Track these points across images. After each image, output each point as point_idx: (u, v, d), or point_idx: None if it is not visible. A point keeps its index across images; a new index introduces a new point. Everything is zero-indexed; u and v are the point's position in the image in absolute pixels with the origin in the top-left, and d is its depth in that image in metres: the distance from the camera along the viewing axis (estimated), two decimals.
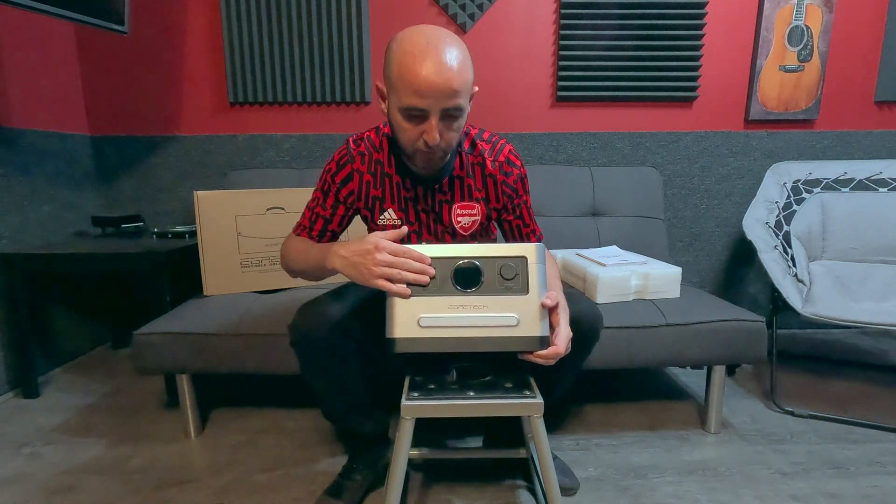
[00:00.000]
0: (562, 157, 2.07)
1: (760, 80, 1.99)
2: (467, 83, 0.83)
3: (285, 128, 2.03)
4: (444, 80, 0.79)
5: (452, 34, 0.84)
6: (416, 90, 0.80)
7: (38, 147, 1.76)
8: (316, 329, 0.92)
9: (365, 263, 0.83)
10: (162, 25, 1.93)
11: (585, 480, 1.19)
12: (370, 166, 0.99)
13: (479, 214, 1.02)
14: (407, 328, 0.82)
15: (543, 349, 0.82)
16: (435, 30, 0.82)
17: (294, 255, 1.02)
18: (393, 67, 0.82)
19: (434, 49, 0.79)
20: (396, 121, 0.87)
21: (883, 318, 1.39)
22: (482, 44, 1.97)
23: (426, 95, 0.80)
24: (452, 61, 0.80)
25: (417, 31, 0.82)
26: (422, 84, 0.79)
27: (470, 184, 1.01)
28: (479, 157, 1.00)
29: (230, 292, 1.53)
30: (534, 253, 0.85)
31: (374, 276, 0.82)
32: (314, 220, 1.03)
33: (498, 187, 1.02)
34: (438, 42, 0.80)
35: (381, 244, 0.83)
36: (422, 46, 0.79)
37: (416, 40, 0.80)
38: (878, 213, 1.73)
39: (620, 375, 1.76)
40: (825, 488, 1.16)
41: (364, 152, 0.99)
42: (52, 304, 1.82)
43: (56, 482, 1.19)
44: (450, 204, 1.01)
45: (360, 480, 1.12)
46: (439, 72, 0.79)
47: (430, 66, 0.78)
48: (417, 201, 1.00)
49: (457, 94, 0.81)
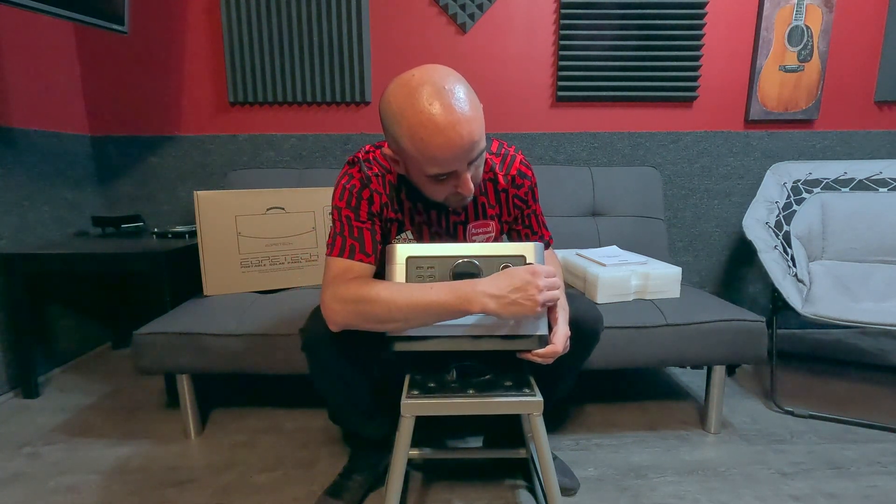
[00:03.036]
0: (562, 157, 2.07)
1: (760, 80, 1.99)
2: (482, 120, 0.77)
3: (285, 128, 2.03)
4: (466, 139, 0.74)
5: (445, 71, 0.76)
6: (441, 160, 0.75)
7: (38, 147, 1.76)
8: (328, 334, 0.89)
9: (529, 296, 0.77)
10: (162, 25, 1.94)
11: (585, 480, 1.19)
12: (385, 188, 0.92)
13: (493, 231, 1.01)
14: None
15: (541, 348, 0.82)
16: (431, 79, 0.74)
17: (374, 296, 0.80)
18: (404, 140, 0.76)
19: (444, 108, 0.72)
20: (422, 183, 0.82)
21: (883, 318, 1.39)
22: (482, 44, 1.97)
23: (452, 161, 0.75)
24: (465, 110, 0.73)
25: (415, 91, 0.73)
26: (446, 154, 0.74)
27: (483, 202, 0.98)
28: (491, 172, 0.97)
29: (230, 292, 1.53)
30: (532, 252, 0.85)
31: (537, 306, 0.78)
32: (358, 237, 0.88)
33: (510, 201, 1.00)
34: (444, 96, 0.73)
35: (537, 269, 0.79)
36: (430, 111, 0.72)
37: (419, 105, 0.73)
38: (878, 213, 1.73)
39: (620, 375, 1.76)
40: (825, 488, 1.16)
41: (378, 174, 0.91)
42: (52, 304, 1.82)
43: (56, 482, 1.19)
44: (464, 224, 0.98)
45: (360, 481, 1.12)
46: (460, 133, 0.73)
47: (448, 131, 0.72)
48: (431, 225, 0.97)
49: (479, 141, 0.77)
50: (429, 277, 0.83)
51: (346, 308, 0.82)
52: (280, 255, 1.58)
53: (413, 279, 0.84)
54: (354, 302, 0.82)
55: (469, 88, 0.77)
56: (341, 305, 0.83)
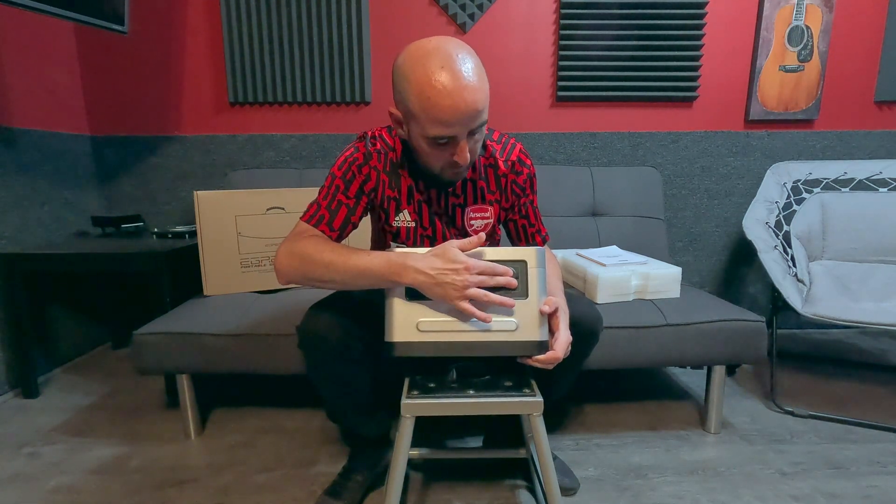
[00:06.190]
0: (562, 157, 2.07)
1: (760, 80, 1.99)
2: (488, 93, 0.79)
3: (285, 128, 2.03)
4: (471, 105, 0.76)
5: (459, 43, 0.79)
6: (444, 122, 0.77)
7: (38, 147, 1.76)
8: (325, 332, 0.91)
9: (454, 283, 0.78)
10: (162, 25, 1.93)
11: (585, 480, 1.19)
12: (386, 166, 0.95)
13: (491, 217, 1.02)
14: (406, 332, 0.82)
15: (542, 354, 0.82)
16: (444, 46, 0.77)
17: (317, 257, 0.85)
18: (411, 99, 0.78)
19: (453, 73, 0.75)
20: (421, 147, 0.85)
21: (883, 318, 1.39)
22: (482, 44, 1.97)
23: (454, 124, 0.77)
24: (473, 79, 0.76)
25: (428, 55, 0.76)
26: (449, 116, 0.76)
27: (483, 186, 1.00)
28: (492, 158, 0.99)
29: (230, 292, 1.53)
30: (534, 257, 0.84)
31: (460, 298, 0.78)
32: (335, 210, 0.93)
33: (509, 187, 1.02)
34: (454, 63, 0.75)
35: (471, 264, 0.79)
36: (439, 74, 0.75)
37: (430, 66, 0.75)
38: (878, 213, 1.73)
39: (620, 375, 1.76)
40: (825, 488, 1.16)
41: (380, 151, 0.95)
42: (52, 304, 1.82)
43: (56, 482, 1.19)
44: (463, 207, 1.00)
45: (359, 481, 1.12)
46: (465, 98, 0.75)
47: (454, 95, 0.75)
48: (431, 204, 0.99)
49: (483, 111, 0.79)
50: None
51: (291, 263, 0.87)
52: None
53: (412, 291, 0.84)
54: (300, 259, 0.86)
55: (478, 62, 0.79)
56: (288, 260, 0.87)
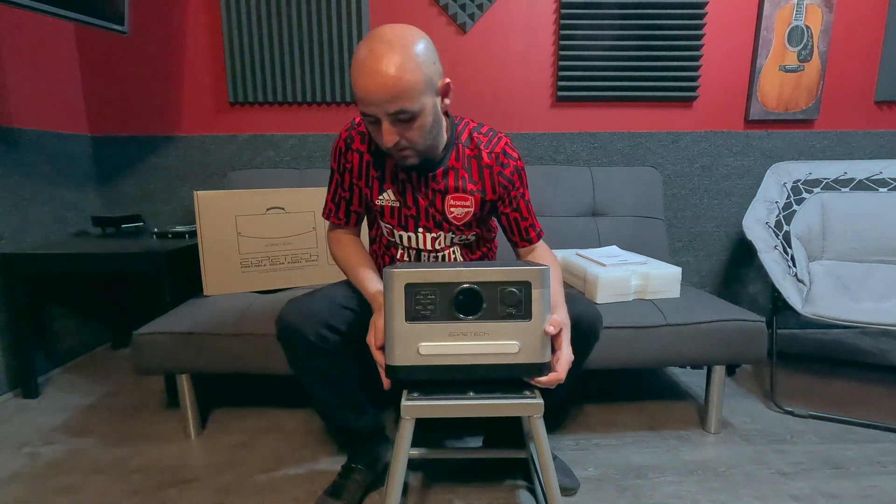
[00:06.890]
0: (562, 157, 2.07)
1: (760, 80, 1.99)
2: (412, 86, 0.82)
3: (285, 128, 2.03)
4: (380, 88, 0.80)
5: (405, 34, 0.83)
6: (360, 98, 0.83)
7: (38, 147, 1.76)
8: (299, 323, 0.93)
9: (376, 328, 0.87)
10: (162, 25, 1.93)
11: (585, 480, 1.19)
12: (370, 146, 1.01)
13: (472, 206, 1.03)
14: (407, 356, 0.81)
15: (544, 375, 0.82)
16: (382, 34, 0.82)
17: (339, 258, 1.09)
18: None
19: (373, 56, 0.80)
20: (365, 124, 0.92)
21: (883, 318, 1.39)
22: (482, 44, 1.97)
23: (368, 103, 0.83)
24: (390, 68, 0.80)
25: (368, 37, 0.83)
26: (361, 93, 0.82)
27: (465, 176, 1.02)
28: (476, 149, 1.02)
29: (230, 292, 1.53)
30: (538, 278, 0.81)
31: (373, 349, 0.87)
32: (338, 203, 1.08)
33: (494, 178, 1.03)
34: (380, 48, 0.80)
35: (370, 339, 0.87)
36: (363, 55, 0.81)
37: (361, 48, 0.82)
38: (878, 213, 1.73)
39: (620, 375, 1.76)
40: (825, 488, 1.16)
41: (364, 132, 1.01)
42: (52, 304, 1.82)
43: (56, 482, 1.19)
44: (443, 195, 1.02)
45: (359, 480, 1.12)
46: (375, 80, 0.80)
47: (367, 75, 0.80)
48: (412, 184, 1.02)
49: (397, 98, 0.81)
50: (430, 306, 0.81)
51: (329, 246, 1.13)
52: (280, 255, 1.58)
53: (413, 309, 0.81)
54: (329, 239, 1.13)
55: (415, 56, 0.81)
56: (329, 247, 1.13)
